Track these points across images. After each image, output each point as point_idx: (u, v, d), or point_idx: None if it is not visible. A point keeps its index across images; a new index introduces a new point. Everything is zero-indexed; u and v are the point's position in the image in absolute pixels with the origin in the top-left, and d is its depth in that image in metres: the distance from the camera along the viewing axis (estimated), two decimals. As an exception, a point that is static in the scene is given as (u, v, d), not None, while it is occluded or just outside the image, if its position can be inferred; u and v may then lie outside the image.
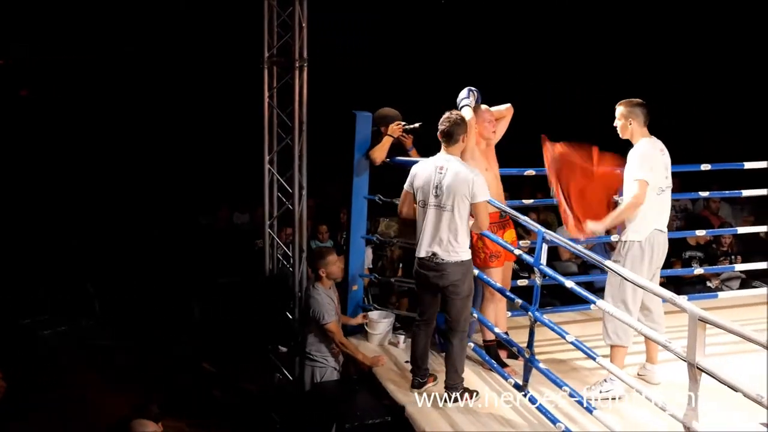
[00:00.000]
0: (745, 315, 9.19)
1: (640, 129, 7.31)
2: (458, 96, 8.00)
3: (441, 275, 7.18)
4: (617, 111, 7.37)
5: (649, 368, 7.59)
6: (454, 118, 7.23)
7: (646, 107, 7.32)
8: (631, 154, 7.22)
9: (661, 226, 7.32)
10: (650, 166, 7.16)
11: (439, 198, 7.13)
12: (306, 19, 8.89)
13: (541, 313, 7.29)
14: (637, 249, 7.23)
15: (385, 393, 7.63)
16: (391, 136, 8.62)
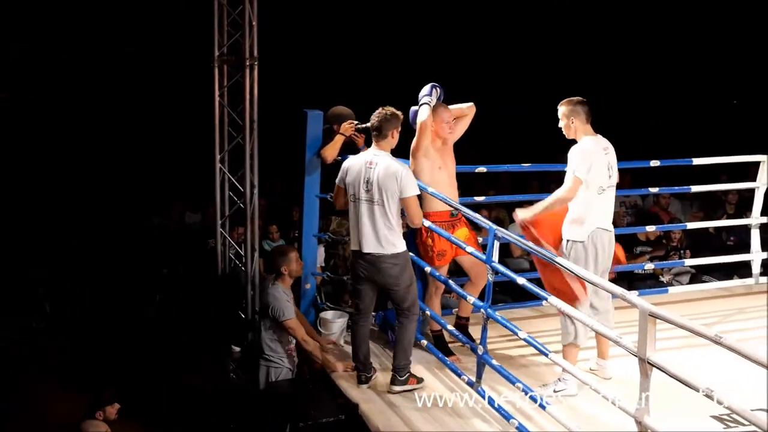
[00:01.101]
0: (695, 309, 9.28)
1: (583, 127, 7.30)
2: (420, 91, 8.02)
3: (378, 270, 7.27)
4: (559, 111, 7.37)
5: (601, 363, 7.64)
6: (384, 113, 7.32)
7: (587, 105, 7.32)
8: (571, 151, 7.22)
9: (604, 225, 7.31)
10: (588, 165, 7.14)
11: (370, 192, 7.21)
12: (256, 17, 8.86)
13: (493, 310, 7.33)
14: (581, 249, 7.24)
15: (338, 391, 7.63)
16: (343, 135, 8.62)
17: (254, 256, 9.11)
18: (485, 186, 12.18)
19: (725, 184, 11.37)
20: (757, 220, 9.83)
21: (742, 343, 5.07)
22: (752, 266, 9.92)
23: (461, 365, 7.76)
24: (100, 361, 10.89)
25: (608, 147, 7.38)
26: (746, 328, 8.88)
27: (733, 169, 12.06)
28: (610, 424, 6.46)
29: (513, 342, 8.04)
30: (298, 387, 8.09)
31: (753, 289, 9.98)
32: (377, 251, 7.23)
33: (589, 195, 7.18)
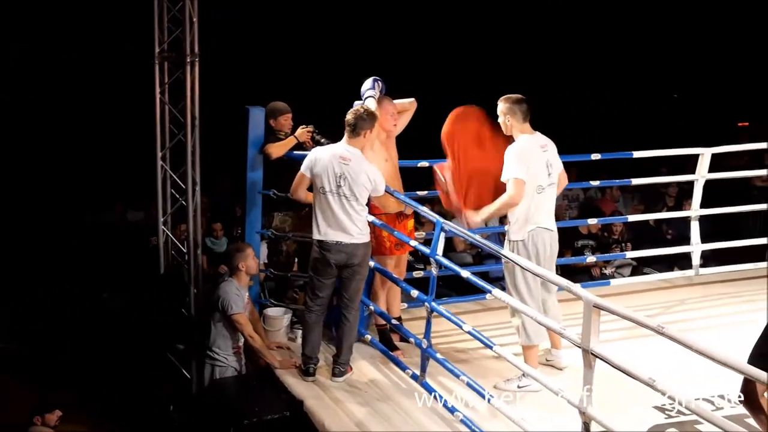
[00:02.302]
0: (637, 301, 9.36)
1: (520, 125, 7.30)
2: (362, 86, 8.02)
3: (347, 255, 7.38)
4: (498, 107, 7.37)
5: (555, 353, 7.68)
6: (361, 112, 7.41)
7: (525, 103, 7.30)
8: (507, 152, 7.20)
9: (544, 224, 7.31)
10: (526, 164, 7.14)
11: (342, 188, 7.30)
12: (197, 14, 8.82)
13: (437, 304, 7.35)
14: (522, 248, 7.25)
15: (283, 388, 7.61)
16: (297, 139, 8.60)
17: (197, 254, 9.07)
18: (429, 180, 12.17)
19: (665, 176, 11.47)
20: (696, 213, 9.92)
21: (684, 333, 5.13)
22: (692, 258, 10.01)
23: (406, 359, 7.79)
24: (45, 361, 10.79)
25: (547, 144, 7.38)
26: (688, 319, 8.99)
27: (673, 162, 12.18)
28: (555, 414, 6.48)
29: (458, 336, 8.05)
30: (243, 384, 8.05)
31: (693, 280, 10.09)
32: (351, 241, 7.37)
33: (528, 195, 7.19)
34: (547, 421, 6.52)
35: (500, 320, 8.60)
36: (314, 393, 7.38)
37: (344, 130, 7.45)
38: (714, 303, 9.56)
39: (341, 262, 7.42)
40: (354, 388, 7.46)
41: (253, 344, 8.00)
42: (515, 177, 7.11)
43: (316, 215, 7.44)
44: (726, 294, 9.82)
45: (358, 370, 7.72)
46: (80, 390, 9.92)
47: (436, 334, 7.77)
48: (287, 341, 8.52)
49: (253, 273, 8.34)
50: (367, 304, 8.03)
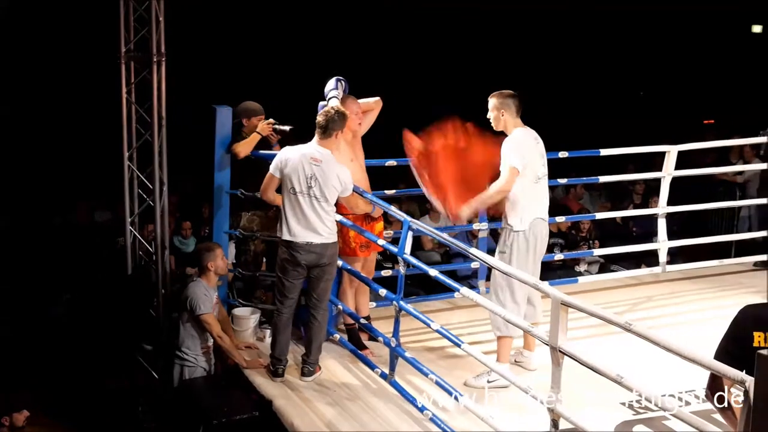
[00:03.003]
0: (605, 298, 9.41)
1: (513, 120, 7.36)
2: (326, 86, 8.01)
3: (317, 255, 7.38)
4: (489, 103, 7.41)
5: (527, 355, 7.69)
6: (333, 113, 7.42)
7: (517, 98, 7.38)
8: (505, 143, 7.26)
9: (541, 215, 7.40)
10: (522, 155, 7.20)
11: (313, 189, 7.30)
12: (163, 13, 8.78)
13: (406, 303, 7.36)
14: (522, 239, 7.29)
15: (252, 388, 7.60)
16: (260, 134, 8.59)
17: (165, 254, 9.04)
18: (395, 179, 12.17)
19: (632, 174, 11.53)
20: (663, 210, 9.97)
21: (651, 330, 5.17)
22: (659, 255, 10.05)
23: (374, 358, 7.80)
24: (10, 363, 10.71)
25: (538, 138, 7.46)
26: (655, 316, 9.04)
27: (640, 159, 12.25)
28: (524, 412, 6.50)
29: (426, 334, 8.06)
30: (212, 384, 8.04)
31: (660, 277, 10.15)
32: (320, 241, 7.37)
33: (526, 184, 7.26)
34: (516, 419, 6.53)
35: (469, 318, 8.64)
36: (283, 393, 7.37)
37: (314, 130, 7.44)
38: (681, 299, 9.63)
39: (311, 263, 7.42)
40: (323, 387, 7.45)
41: (221, 344, 7.99)
42: (511, 165, 7.16)
43: (285, 216, 7.42)
44: (692, 291, 9.90)
45: (327, 369, 7.72)
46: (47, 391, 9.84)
47: (404, 332, 7.79)
48: (256, 341, 8.51)
49: (222, 273, 8.33)
50: (336, 303, 8.04)
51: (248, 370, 7.81)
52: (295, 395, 7.33)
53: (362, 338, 8.17)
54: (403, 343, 7.55)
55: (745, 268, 10.66)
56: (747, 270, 10.62)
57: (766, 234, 10.65)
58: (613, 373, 5.16)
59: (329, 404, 7.15)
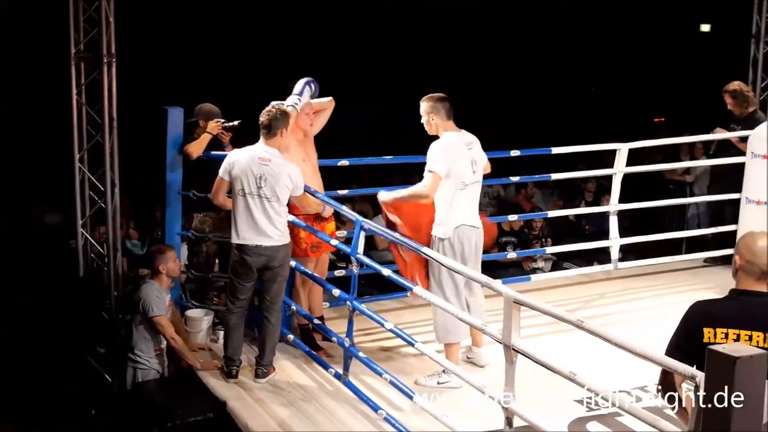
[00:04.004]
0: (557, 296, 9.45)
1: (444, 123, 7.35)
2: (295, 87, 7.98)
3: (267, 258, 7.38)
4: (421, 108, 7.42)
5: (476, 351, 7.72)
6: (274, 111, 7.41)
7: (448, 101, 7.37)
8: (431, 148, 7.27)
9: (469, 222, 7.36)
10: (447, 160, 7.19)
11: (263, 189, 7.29)
12: (113, 13, 8.73)
13: (359, 302, 7.37)
14: (447, 245, 7.28)
15: (206, 389, 7.57)
16: (210, 133, 8.56)
17: (116, 256, 8.98)
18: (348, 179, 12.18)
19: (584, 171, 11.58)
20: (615, 207, 10.02)
21: (603, 327, 5.19)
22: (611, 252, 10.11)
23: (328, 359, 7.79)
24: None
25: (472, 142, 7.43)
26: (607, 313, 9.11)
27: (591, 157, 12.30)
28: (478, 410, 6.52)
29: (380, 334, 8.07)
30: (166, 387, 8.00)
31: (612, 274, 10.19)
32: (272, 243, 7.37)
33: (451, 191, 7.24)
34: (471, 417, 6.55)
35: (422, 317, 8.63)
36: (237, 394, 7.36)
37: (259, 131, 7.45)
38: (633, 296, 9.69)
39: (261, 265, 7.42)
40: (277, 388, 7.45)
41: (174, 346, 7.95)
42: (433, 170, 7.17)
43: (235, 219, 7.41)
44: (644, 287, 9.97)
45: (281, 370, 7.71)
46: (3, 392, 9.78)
47: (359, 332, 7.80)
48: (209, 342, 8.47)
49: (174, 275, 8.29)
50: (289, 304, 8.03)
51: (202, 371, 7.78)
52: (249, 396, 7.31)
53: (316, 339, 8.17)
54: (357, 342, 7.55)
55: (696, 264, 10.75)
56: (697, 266, 10.71)
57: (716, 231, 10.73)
58: (566, 371, 5.19)
59: (283, 405, 7.14)
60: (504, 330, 5.63)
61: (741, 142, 10.29)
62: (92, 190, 9.08)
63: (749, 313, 4.53)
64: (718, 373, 3.93)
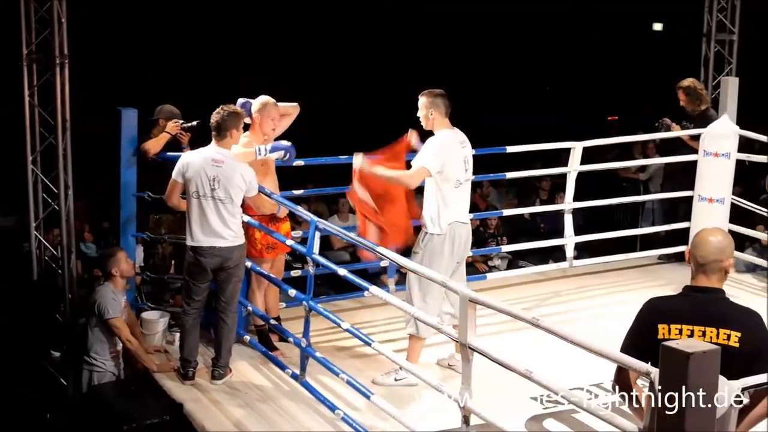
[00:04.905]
0: (513, 294, 9.49)
1: (441, 119, 7.39)
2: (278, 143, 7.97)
3: (222, 259, 7.38)
4: (419, 101, 7.44)
5: (459, 358, 7.70)
6: (223, 112, 7.39)
7: (447, 98, 7.41)
8: (426, 143, 7.32)
9: (461, 218, 7.41)
10: (441, 158, 7.23)
11: (217, 191, 7.29)
12: (65, 14, 8.67)
13: (315, 302, 7.37)
14: (438, 242, 7.32)
15: (162, 392, 7.54)
16: (169, 134, 8.53)
17: (71, 259, 8.93)
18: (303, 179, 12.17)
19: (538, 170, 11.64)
20: (570, 205, 10.07)
21: (558, 324, 5.22)
22: (566, 250, 10.16)
23: (285, 359, 7.79)
24: None
25: (465, 141, 7.49)
26: (563, 311, 9.17)
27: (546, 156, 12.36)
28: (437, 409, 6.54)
29: (337, 334, 8.07)
30: (122, 389, 7.95)
31: (567, 272, 10.25)
32: (225, 245, 7.37)
33: (446, 188, 7.29)
34: (429, 416, 6.58)
35: (379, 317, 8.66)
36: (194, 396, 7.33)
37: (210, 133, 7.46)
38: (588, 294, 9.76)
39: (216, 266, 7.42)
40: (234, 389, 7.43)
41: (130, 348, 7.91)
42: (422, 165, 7.22)
43: (189, 220, 7.41)
44: (599, 285, 10.05)
45: (237, 371, 7.69)
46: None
47: (315, 332, 7.80)
48: (165, 344, 8.43)
49: (129, 276, 8.25)
50: (245, 305, 8.02)
51: (158, 373, 7.75)
52: (205, 398, 7.29)
53: (272, 339, 8.15)
54: (314, 343, 7.54)
55: (650, 261, 10.84)
56: (652, 263, 10.81)
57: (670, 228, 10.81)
58: (522, 369, 5.21)
59: (240, 406, 7.12)
60: (460, 328, 5.65)
61: (693, 140, 10.38)
62: (45, 192, 9.01)
63: (702, 310, 4.56)
64: (672, 369, 3.96)
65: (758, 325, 4.55)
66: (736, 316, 4.56)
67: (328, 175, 13.68)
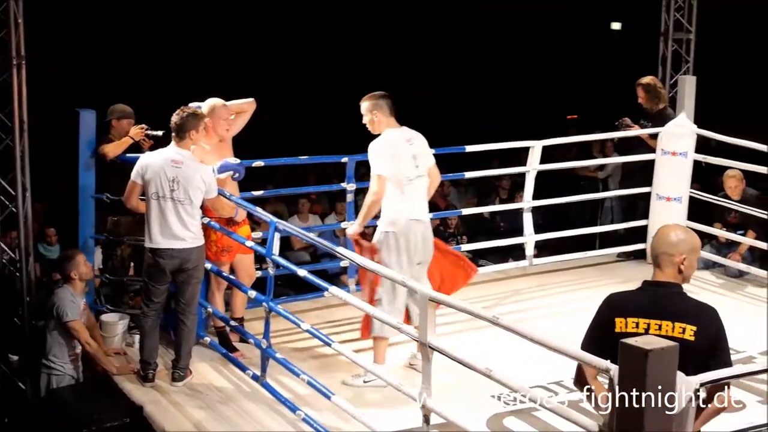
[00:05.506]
0: (473, 293, 9.45)
1: (386, 119, 7.39)
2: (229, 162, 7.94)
3: (181, 261, 7.36)
4: (362, 107, 7.44)
5: (419, 357, 7.71)
6: (184, 114, 7.41)
7: (389, 98, 7.42)
8: (370, 148, 7.32)
9: (415, 216, 7.38)
10: (387, 158, 7.24)
11: (176, 192, 7.27)
12: (21, 15, 8.59)
13: (275, 303, 7.35)
14: (392, 240, 7.30)
15: (122, 394, 7.50)
16: (132, 138, 8.49)
17: (29, 261, 8.86)
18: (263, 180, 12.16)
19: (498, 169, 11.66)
20: (529, 204, 10.10)
21: (518, 323, 5.25)
22: (525, 248, 10.19)
23: (246, 360, 7.77)
24: None
25: (413, 138, 7.47)
26: (523, 309, 9.20)
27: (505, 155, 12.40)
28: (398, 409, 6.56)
29: (298, 334, 8.05)
30: (81, 392, 7.91)
31: (527, 270, 10.27)
32: (185, 246, 7.36)
33: (396, 186, 7.29)
34: (390, 416, 6.60)
35: (339, 317, 8.66)
36: (154, 398, 7.30)
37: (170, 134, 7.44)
38: (548, 292, 9.80)
39: (175, 268, 7.39)
40: (194, 391, 7.40)
41: (90, 351, 7.87)
42: (376, 174, 7.25)
43: (148, 222, 7.38)
44: (558, 283, 10.08)
45: (198, 373, 7.66)
46: None
47: (277, 333, 7.80)
48: (125, 347, 8.39)
49: (88, 278, 8.21)
50: (205, 306, 7.99)
51: (117, 376, 7.71)
52: (165, 400, 7.26)
53: (233, 340, 8.13)
54: (275, 344, 7.53)
55: (609, 259, 10.89)
56: (611, 261, 10.86)
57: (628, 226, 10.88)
58: (482, 367, 5.23)
59: (200, 408, 7.10)
60: (420, 328, 5.66)
61: (651, 138, 10.44)
62: (2, 194, 8.93)
63: (658, 303, 4.62)
64: (631, 366, 3.98)
65: (713, 319, 4.61)
66: (691, 310, 4.63)
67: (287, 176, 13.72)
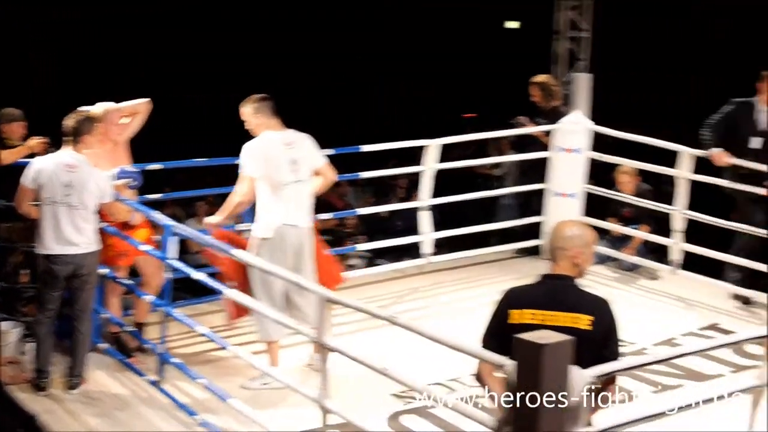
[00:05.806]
0: (371, 292, 9.51)
1: (267, 122, 7.34)
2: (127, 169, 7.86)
3: (75, 266, 7.26)
4: (243, 113, 7.40)
5: (315, 357, 7.66)
6: (78, 117, 7.37)
7: (270, 100, 7.39)
8: (243, 149, 7.28)
9: (290, 221, 7.31)
10: (259, 160, 7.20)
11: (70, 197, 7.18)
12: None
13: (172, 307, 7.29)
14: (265, 245, 7.26)
15: (15, 404, 7.35)
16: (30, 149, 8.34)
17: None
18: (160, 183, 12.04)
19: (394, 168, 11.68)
20: (425, 202, 10.14)
21: (415, 321, 5.27)
22: (423, 247, 10.21)
23: (142, 365, 7.68)
24: None
25: (294, 141, 7.39)
26: (420, 307, 9.24)
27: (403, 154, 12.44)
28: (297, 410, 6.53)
29: (196, 338, 7.99)
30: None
31: (424, 269, 10.28)
32: (79, 251, 7.25)
33: (269, 190, 7.24)
34: (289, 417, 6.59)
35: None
36: (48, 407, 7.15)
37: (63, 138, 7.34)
38: (444, 290, 9.85)
39: (69, 274, 7.28)
40: (90, 398, 7.28)
41: None
42: (245, 175, 7.21)
43: (42, 228, 7.25)
44: (455, 280, 10.14)
45: (94, 380, 7.54)
46: None
47: (176, 337, 7.76)
48: (18, 355, 8.23)
49: None
50: (100, 312, 7.89)
51: (10, 385, 7.56)
52: (60, 408, 7.13)
53: (129, 345, 8.03)
54: (172, 348, 7.48)
55: (507, 256, 10.98)
56: (509, 257, 10.95)
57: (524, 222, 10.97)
58: (379, 366, 5.23)
59: (96, 415, 6.99)
60: (318, 328, 5.65)
61: (545, 135, 10.55)
62: None
63: (553, 295, 4.74)
64: (526, 361, 4.01)
65: (606, 311, 4.76)
66: (585, 302, 4.76)
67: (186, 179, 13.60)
